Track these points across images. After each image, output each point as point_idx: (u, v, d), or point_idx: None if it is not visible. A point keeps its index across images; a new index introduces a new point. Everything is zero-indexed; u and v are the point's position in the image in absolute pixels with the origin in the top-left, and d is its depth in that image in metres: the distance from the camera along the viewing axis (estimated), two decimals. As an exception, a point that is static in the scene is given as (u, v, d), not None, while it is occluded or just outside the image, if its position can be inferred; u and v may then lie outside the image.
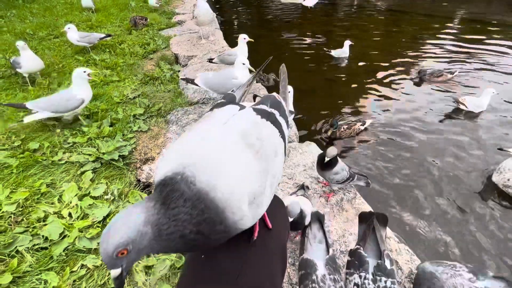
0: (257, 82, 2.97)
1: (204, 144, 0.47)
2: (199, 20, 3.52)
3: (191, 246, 0.41)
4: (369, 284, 0.97)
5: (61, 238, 1.29)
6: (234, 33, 5.65)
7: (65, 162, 1.75)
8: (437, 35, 4.96)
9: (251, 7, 6.31)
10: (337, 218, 1.46)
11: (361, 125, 2.65)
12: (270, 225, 0.60)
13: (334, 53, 4.28)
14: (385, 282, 0.96)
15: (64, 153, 1.82)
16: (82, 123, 2.11)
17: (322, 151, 1.94)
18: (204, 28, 3.96)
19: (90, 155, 1.79)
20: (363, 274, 0.99)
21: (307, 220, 1.17)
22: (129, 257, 0.38)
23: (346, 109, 3.11)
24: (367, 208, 1.51)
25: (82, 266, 1.21)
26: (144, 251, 0.40)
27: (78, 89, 1.96)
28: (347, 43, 4.27)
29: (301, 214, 1.13)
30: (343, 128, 2.59)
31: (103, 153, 1.79)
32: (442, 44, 4.59)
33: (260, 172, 0.48)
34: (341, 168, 1.45)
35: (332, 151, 1.41)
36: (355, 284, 1.00)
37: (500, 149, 1.95)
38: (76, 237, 1.28)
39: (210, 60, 2.83)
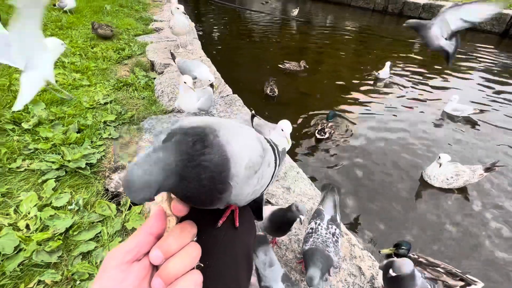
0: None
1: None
2: (174, 30, 3.58)
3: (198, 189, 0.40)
4: (321, 229, 1.23)
5: (16, 252, 1.20)
6: (213, 44, 5.73)
7: (25, 169, 1.63)
8: (397, 58, 5.45)
9: (230, 20, 6.49)
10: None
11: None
12: (237, 223, 0.56)
13: (382, 74, 4.19)
14: (335, 229, 1.25)
15: (23, 160, 1.70)
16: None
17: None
18: (182, 37, 3.98)
19: (53, 162, 1.69)
20: (318, 221, 1.27)
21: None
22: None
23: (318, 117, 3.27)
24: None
25: (39, 282, 1.13)
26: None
27: None
28: (388, 64, 4.11)
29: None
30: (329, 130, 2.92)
31: (69, 161, 1.70)
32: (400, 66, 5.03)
33: (261, 155, 0.50)
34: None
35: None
36: (311, 228, 1.26)
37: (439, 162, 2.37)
38: (33, 251, 1.20)
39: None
